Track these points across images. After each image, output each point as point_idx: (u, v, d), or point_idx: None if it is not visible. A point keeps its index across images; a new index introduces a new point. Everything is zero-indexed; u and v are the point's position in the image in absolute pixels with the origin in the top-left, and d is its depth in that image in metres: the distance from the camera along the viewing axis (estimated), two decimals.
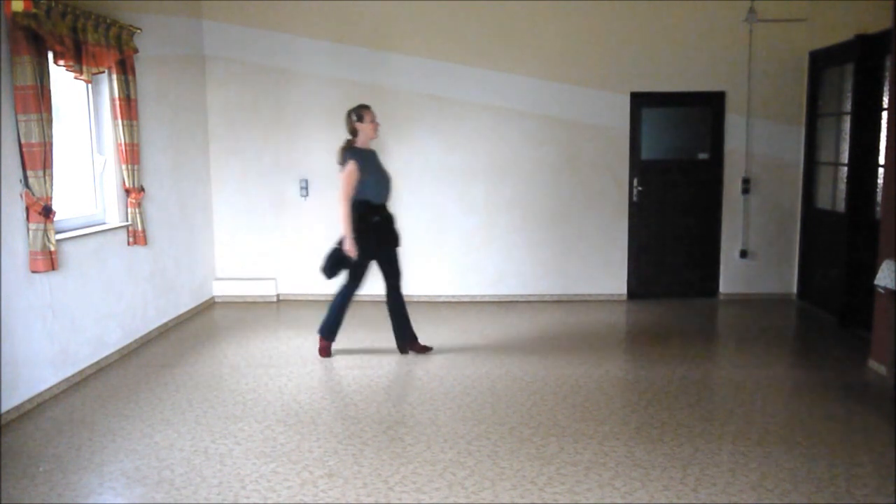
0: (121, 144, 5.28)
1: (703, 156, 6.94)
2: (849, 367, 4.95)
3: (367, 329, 6.02)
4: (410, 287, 6.99)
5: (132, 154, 5.34)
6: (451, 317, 6.43)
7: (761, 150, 6.86)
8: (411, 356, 5.26)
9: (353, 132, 5.04)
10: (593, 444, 3.71)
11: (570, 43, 6.76)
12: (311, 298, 7.09)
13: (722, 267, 7.03)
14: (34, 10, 4.07)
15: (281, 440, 3.80)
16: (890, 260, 4.51)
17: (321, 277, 5.23)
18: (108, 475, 3.43)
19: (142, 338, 5.61)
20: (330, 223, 7.00)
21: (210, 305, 6.93)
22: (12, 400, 4.13)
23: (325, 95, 6.88)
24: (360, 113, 5.02)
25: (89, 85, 5.10)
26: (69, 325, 4.67)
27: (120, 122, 5.24)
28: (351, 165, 4.90)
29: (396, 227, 5.19)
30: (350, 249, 4.95)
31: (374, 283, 7.03)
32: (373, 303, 7.00)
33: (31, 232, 4.23)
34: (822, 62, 6.54)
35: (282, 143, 6.95)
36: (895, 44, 4.75)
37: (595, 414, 4.13)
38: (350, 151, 4.97)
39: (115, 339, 5.23)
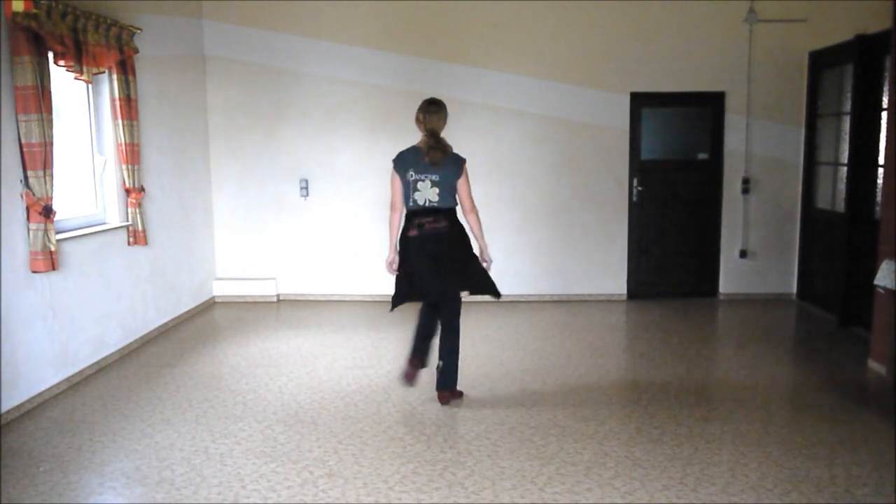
0: (121, 144, 5.28)
1: (702, 156, 6.94)
2: (849, 367, 4.96)
3: (367, 329, 6.02)
4: None
5: (132, 154, 5.34)
6: None
7: (761, 151, 6.87)
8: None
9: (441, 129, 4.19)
10: (593, 444, 3.71)
11: (570, 43, 6.76)
12: (311, 298, 7.10)
13: (722, 267, 7.03)
14: (34, 11, 4.08)
15: (281, 440, 3.80)
16: (890, 260, 4.52)
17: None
18: (108, 475, 3.44)
19: (142, 338, 5.62)
20: (330, 224, 7.02)
21: (210, 305, 6.93)
22: (13, 399, 4.13)
23: (325, 95, 6.88)
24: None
25: (89, 85, 5.10)
26: (69, 324, 4.67)
27: (120, 122, 5.24)
28: (466, 166, 4.21)
29: None
30: (488, 260, 4.30)
31: (376, 283, 7.06)
32: (373, 302, 7.00)
33: (31, 232, 4.23)
34: (821, 62, 6.54)
35: (282, 143, 6.95)
36: (895, 44, 4.75)
37: (595, 414, 4.13)
38: (453, 152, 4.19)
39: (115, 338, 5.23)
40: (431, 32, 6.77)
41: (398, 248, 4.20)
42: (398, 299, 4.24)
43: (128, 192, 5.40)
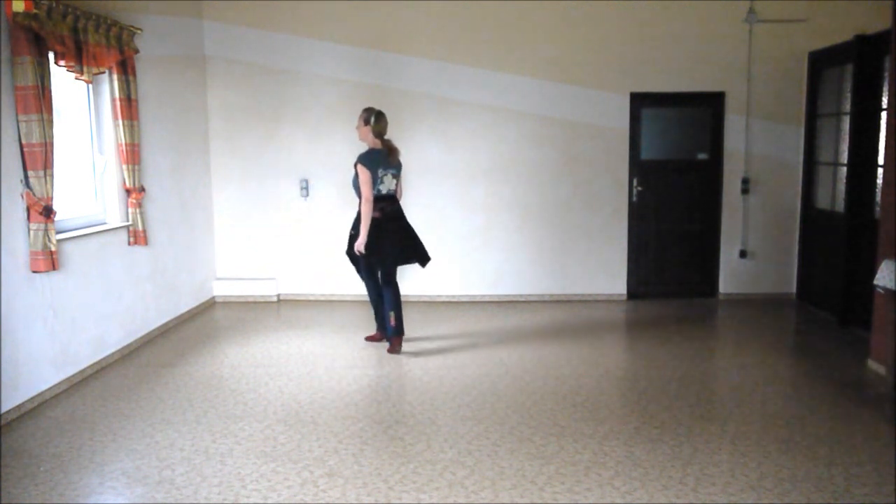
0: (121, 144, 5.28)
1: (702, 156, 6.95)
2: (848, 367, 4.96)
3: (367, 329, 6.01)
4: (410, 287, 7.01)
5: (133, 154, 5.34)
6: (451, 317, 6.43)
7: (761, 151, 6.87)
8: (409, 355, 5.26)
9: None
10: (593, 444, 3.71)
11: (570, 43, 6.77)
12: (311, 298, 7.10)
13: (721, 267, 7.04)
14: (35, 11, 4.08)
15: (281, 440, 3.81)
16: (890, 260, 4.52)
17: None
18: (108, 475, 3.44)
19: (142, 337, 5.62)
20: (330, 224, 7.02)
21: (210, 305, 6.93)
22: (13, 399, 4.13)
23: (326, 95, 6.88)
24: None
25: (90, 85, 5.11)
26: (70, 324, 4.68)
27: (120, 122, 5.24)
28: None
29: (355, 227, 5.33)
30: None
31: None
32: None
33: (31, 232, 4.24)
34: (821, 62, 6.55)
35: (282, 143, 6.96)
36: (894, 44, 4.75)
37: (595, 414, 4.13)
38: None
39: (115, 338, 5.23)
40: (431, 33, 6.78)
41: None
42: (389, 265, 5.22)
43: (128, 192, 5.41)
